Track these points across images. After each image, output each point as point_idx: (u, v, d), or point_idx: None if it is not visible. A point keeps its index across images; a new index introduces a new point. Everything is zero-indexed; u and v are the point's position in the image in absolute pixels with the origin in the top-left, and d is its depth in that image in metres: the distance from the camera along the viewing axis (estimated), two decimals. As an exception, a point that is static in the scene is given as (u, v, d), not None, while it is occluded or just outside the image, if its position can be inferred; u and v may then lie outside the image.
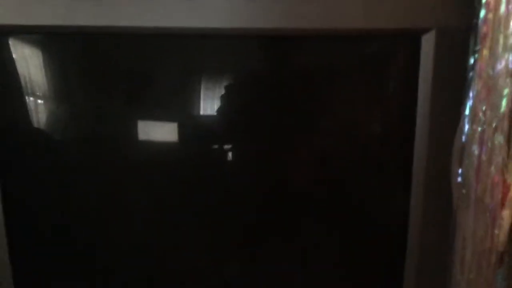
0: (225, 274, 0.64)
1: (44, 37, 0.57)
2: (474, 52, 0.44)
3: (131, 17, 0.52)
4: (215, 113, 0.58)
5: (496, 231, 0.45)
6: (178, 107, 0.59)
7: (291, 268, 0.63)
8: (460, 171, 0.47)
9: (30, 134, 0.60)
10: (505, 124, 0.43)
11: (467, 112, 0.45)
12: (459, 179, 0.47)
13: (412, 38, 0.52)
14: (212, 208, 0.61)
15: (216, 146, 0.60)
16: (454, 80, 0.49)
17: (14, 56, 0.56)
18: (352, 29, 0.52)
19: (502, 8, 0.41)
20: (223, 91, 0.57)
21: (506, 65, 0.42)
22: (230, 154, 0.60)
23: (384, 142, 0.58)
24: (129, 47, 0.57)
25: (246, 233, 0.62)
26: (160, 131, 0.60)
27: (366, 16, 0.51)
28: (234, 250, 0.63)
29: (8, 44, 0.56)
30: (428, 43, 0.51)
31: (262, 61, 0.58)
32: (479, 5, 0.44)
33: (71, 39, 0.57)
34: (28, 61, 0.58)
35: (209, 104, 0.58)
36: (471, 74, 0.45)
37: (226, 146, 0.60)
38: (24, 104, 0.58)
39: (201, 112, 0.58)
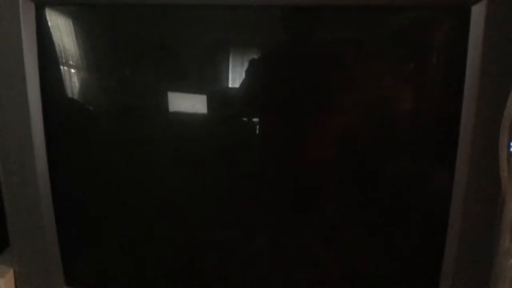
0: (253, 245, 0.65)
1: (81, 9, 0.58)
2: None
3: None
4: (241, 86, 0.59)
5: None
6: (206, 78, 0.60)
7: (319, 245, 0.64)
8: (510, 142, 0.47)
9: (69, 103, 0.62)
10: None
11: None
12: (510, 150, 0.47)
13: (461, 9, 0.51)
14: (240, 178, 0.62)
15: (243, 118, 0.61)
16: (505, 51, 0.49)
17: (51, 27, 0.58)
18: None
19: None
20: (250, 64, 0.58)
21: None
22: (257, 126, 0.61)
23: (431, 114, 0.58)
24: (160, 18, 0.58)
25: (273, 205, 0.63)
26: (188, 102, 0.61)
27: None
28: (262, 221, 0.64)
29: (47, 16, 0.57)
30: (478, 14, 0.51)
31: (291, 33, 0.58)
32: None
33: (106, 11, 0.58)
34: (63, 32, 0.59)
35: (236, 76, 0.59)
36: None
37: (254, 118, 0.61)
38: (62, 74, 0.60)
39: (229, 84, 0.59)
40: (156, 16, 0.58)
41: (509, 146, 0.47)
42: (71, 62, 0.59)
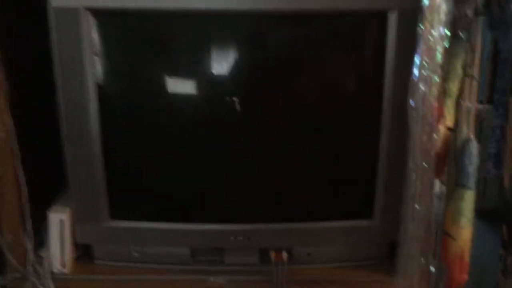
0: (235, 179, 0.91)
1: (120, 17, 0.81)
2: (420, 24, 0.70)
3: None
4: (226, 73, 0.84)
5: (435, 136, 0.72)
6: (202, 68, 0.85)
7: (280, 180, 0.91)
8: (412, 102, 0.74)
9: (114, 86, 0.86)
10: (439, 70, 0.70)
11: (416, 62, 0.71)
12: (412, 106, 0.73)
13: (381, 15, 0.78)
14: (227, 134, 0.88)
15: (227, 97, 0.86)
16: (410, 44, 0.74)
17: (107, 32, 0.81)
18: (337, 9, 0.78)
19: (437, 1, 0.67)
20: (233, 58, 0.83)
21: (439, 33, 0.69)
22: (237, 102, 0.85)
23: (367, 86, 0.87)
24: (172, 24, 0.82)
25: (250, 152, 0.89)
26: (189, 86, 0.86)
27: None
28: (241, 164, 0.90)
29: (102, 22, 0.80)
30: (392, 18, 0.78)
31: (259, 32, 0.84)
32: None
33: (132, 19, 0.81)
34: (113, 35, 0.83)
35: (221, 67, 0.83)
36: (418, 38, 0.71)
37: (235, 98, 0.85)
38: (111, 66, 0.83)
39: (215, 72, 0.84)
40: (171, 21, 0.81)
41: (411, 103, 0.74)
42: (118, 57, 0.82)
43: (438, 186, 0.79)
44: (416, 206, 0.73)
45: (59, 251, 0.90)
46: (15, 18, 0.87)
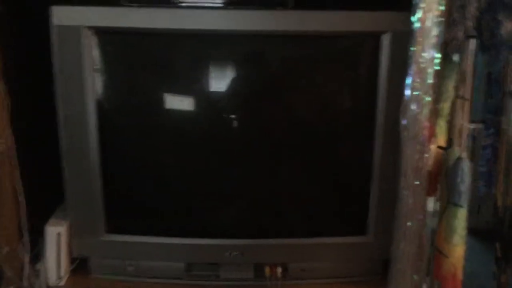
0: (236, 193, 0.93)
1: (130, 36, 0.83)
2: (411, 47, 0.72)
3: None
4: (223, 91, 0.86)
5: (426, 155, 0.74)
6: (199, 86, 0.87)
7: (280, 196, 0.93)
8: (405, 121, 0.75)
9: (113, 101, 0.88)
10: (430, 91, 0.72)
11: (408, 82, 0.73)
12: (404, 125, 0.75)
13: (375, 37, 0.80)
14: (228, 150, 0.90)
15: (224, 114, 0.88)
16: (402, 65, 0.76)
17: (107, 50, 0.83)
18: (333, 31, 0.81)
19: (428, 22, 0.69)
20: (230, 77, 0.85)
21: (430, 55, 0.71)
22: (235, 120, 0.88)
23: (360, 105, 0.89)
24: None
25: (250, 167, 0.91)
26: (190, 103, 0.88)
27: (346, 22, 0.80)
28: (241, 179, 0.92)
29: (102, 40, 0.82)
30: (386, 40, 0.80)
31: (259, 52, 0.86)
32: (414, 18, 0.72)
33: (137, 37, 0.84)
34: (113, 53, 0.85)
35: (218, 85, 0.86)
36: (410, 60, 0.73)
37: (231, 115, 0.88)
38: (109, 81, 0.85)
39: (212, 90, 0.86)
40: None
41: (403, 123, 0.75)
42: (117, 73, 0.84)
43: (432, 203, 0.80)
44: (408, 223, 0.74)
45: (55, 264, 0.91)
46: (18, 34, 0.89)
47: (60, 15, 0.79)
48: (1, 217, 0.87)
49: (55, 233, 0.90)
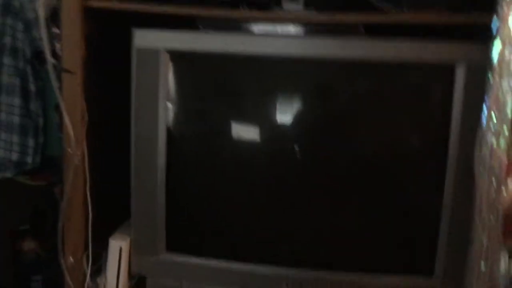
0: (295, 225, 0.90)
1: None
2: (489, 77, 0.69)
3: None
4: (290, 121, 0.87)
5: (504, 193, 0.69)
6: (266, 115, 0.88)
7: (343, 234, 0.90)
8: (479, 154, 0.72)
9: (183, 127, 0.90)
10: (508, 122, 0.68)
11: (485, 113, 0.70)
12: (479, 158, 0.71)
13: (449, 68, 0.78)
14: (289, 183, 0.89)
15: (290, 145, 0.88)
16: (476, 97, 0.73)
17: (181, 75, 0.87)
18: (404, 61, 0.80)
19: (507, 55, 0.67)
20: (298, 106, 0.86)
21: (509, 85, 0.68)
22: (301, 151, 0.87)
23: (432, 138, 0.85)
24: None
25: (311, 203, 0.89)
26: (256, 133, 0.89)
27: (418, 51, 0.79)
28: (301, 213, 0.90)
29: (178, 65, 0.86)
30: (460, 70, 0.78)
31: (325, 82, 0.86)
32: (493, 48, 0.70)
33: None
34: (187, 76, 0.89)
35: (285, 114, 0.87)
36: (487, 90, 0.70)
37: (297, 146, 0.87)
38: (180, 106, 0.89)
39: (279, 119, 0.87)
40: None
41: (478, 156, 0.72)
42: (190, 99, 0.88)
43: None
44: (482, 263, 0.69)
45: (115, 279, 0.92)
46: (99, 56, 0.95)
47: (141, 39, 0.84)
48: (70, 228, 0.91)
49: (118, 246, 0.92)
